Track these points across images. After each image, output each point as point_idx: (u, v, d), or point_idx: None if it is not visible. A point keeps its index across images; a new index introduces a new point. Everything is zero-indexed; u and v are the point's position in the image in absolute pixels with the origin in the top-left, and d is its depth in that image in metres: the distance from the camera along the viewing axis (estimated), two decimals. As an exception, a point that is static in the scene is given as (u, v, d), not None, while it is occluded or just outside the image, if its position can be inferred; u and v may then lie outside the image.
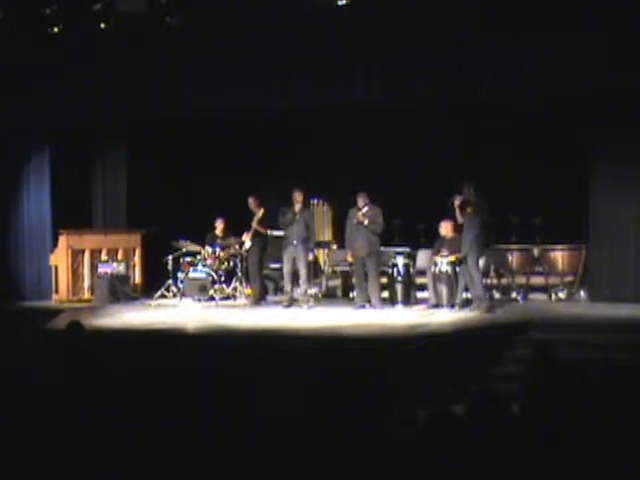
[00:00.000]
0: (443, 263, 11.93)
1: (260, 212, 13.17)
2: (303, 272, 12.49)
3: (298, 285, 12.64)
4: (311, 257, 13.03)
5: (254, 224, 13.14)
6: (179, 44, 13.02)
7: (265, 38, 12.67)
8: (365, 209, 12.12)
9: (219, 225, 13.93)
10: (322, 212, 16.52)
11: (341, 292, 13.74)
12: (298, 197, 12.54)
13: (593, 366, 5.48)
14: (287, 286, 12.70)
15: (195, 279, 13.49)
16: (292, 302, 12.57)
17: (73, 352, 7.20)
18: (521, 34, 11.50)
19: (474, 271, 11.41)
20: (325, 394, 4.89)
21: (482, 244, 11.59)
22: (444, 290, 11.92)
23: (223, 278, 13.66)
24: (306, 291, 12.61)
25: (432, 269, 12.05)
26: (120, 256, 14.24)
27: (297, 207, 12.52)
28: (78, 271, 13.92)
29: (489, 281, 12.69)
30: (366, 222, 12.05)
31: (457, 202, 11.41)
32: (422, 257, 13.12)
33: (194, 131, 14.54)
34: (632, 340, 9.57)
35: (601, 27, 11.10)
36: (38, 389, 5.62)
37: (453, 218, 12.05)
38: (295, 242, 12.50)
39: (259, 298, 13.18)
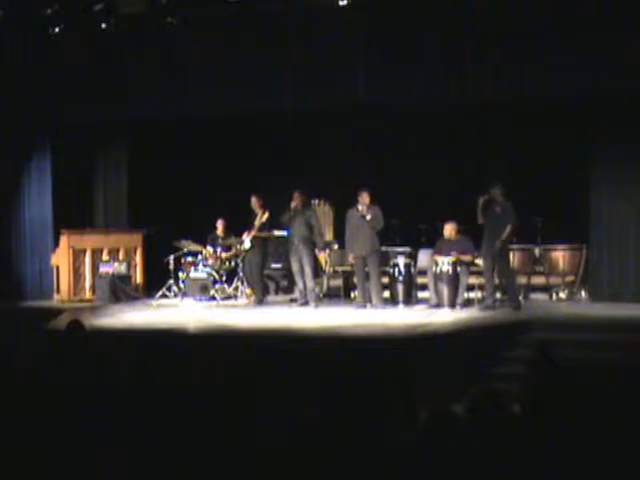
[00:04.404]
0: (444, 263, 11.94)
1: (265, 216, 13.15)
2: (307, 271, 12.53)
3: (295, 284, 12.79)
4: (324, 253, 13.28)
5: (256, 225, 13.14)
6: (180, 44, 13.04)
7: (266, 38, 12.69)
8: (365, 208, 12.13)
9: (220, 225, 13.97)
10: (323, 212, 16.51)
11: (342, 292, 13.75)
12: (295, 197, 12.61)
13: (593, 366, 5.50)
14: (299, 284, 12.73)
15: (196, 279, 13.51)
16: (306, 301, 12.60)
17: (74, 352, 7.21)
18: (522, 36, 11.53)
19: (505, 271, 11.62)
20: (326, 394, 4.90)
21: (508, 245, 11.78)
22: (445, 290, 11.95)
23: (224, 278, 13.69)
24: (313, 289, 12.65)
25: (433, 269, 12.07)
26: (121, 256, 14.24)
27: (292, 206, 12.57)
28: (79, 271, 13.91)
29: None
30: (369, 217, 12.04)
31: (480, 202, 11.49)
32: (423, 257, 13.12)
33: (195, 131, 14.55)
34: (633, 340, 9.58)
35: (602, 29, 11.13)
36: (39, 389, 5.63)
37: (457, 220, 12.15)
38: (296, 242, 12.55)
39: (260, 298, 13.19)
